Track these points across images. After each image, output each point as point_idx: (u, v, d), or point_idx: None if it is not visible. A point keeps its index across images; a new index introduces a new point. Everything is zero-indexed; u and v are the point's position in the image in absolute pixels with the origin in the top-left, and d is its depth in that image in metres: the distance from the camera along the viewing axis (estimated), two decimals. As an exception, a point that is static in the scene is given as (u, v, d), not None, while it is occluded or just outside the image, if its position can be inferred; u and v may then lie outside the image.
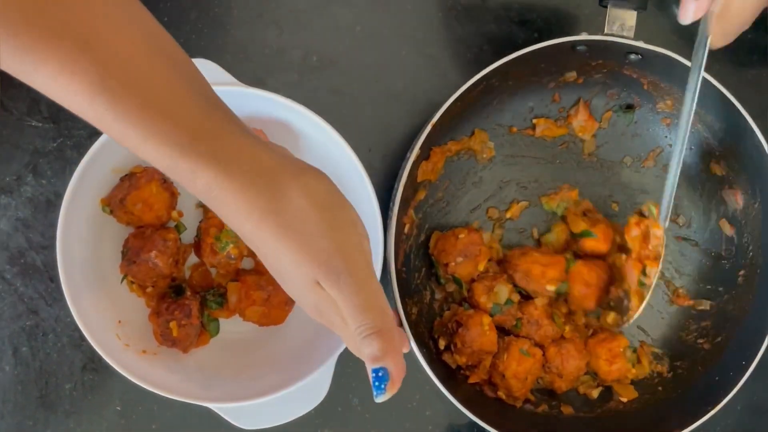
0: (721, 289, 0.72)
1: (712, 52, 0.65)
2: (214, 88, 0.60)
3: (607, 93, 0.72)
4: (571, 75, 0.70)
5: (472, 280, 0.69)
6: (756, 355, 0.65)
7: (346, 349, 0.62)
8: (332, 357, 0.62)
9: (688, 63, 0.63)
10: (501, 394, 0.68)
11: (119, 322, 0.63)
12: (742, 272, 0.70)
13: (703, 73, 0.62)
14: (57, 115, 0.69)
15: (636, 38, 0.63)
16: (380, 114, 0.72)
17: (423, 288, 0.70)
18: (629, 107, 0.73)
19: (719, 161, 0.70)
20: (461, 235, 0.68)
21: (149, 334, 0.64)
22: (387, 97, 0.72)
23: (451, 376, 0.68)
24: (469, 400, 0.64)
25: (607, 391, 0.71)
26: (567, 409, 0.70)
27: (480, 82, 0.63)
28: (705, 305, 0.72)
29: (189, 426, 0.69)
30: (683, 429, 0.64)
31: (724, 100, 0.65)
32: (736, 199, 0.70)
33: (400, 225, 0.64)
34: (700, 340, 0.71)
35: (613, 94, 0.72)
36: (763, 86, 0.76)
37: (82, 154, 0.59)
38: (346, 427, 0.71)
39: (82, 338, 0.60)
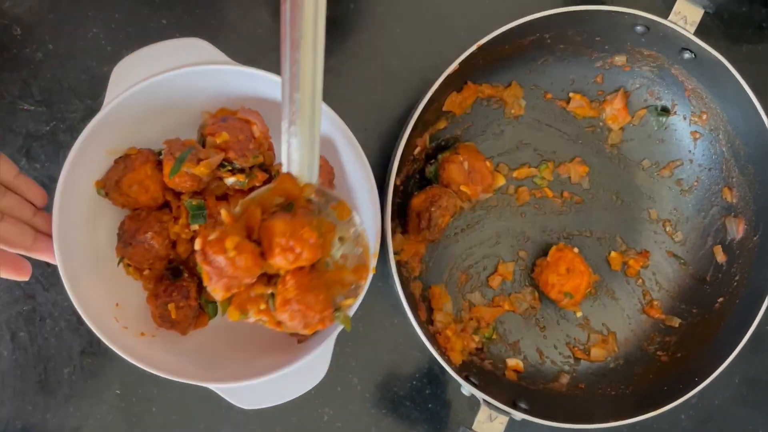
0: (695, 310, 0.72)
1: (707, 29, 0.65)
2: (207, 67, 0.60)
3: (648, 90, 0.72)
4: (621, 59, 0.70)
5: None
6: (712, 374, 0.65)
7: (344, 330, 0.62)
8: (331, 336, 0.62)
9: (737, 74, 0.63)
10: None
11: (117, 304, 0.63)
12: (721, 299, 0.71)
13: (754, 100, 0.64)
14: (49, 98, 0.68)
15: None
16: (375, 93, 0.72)
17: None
18: (664, 110, 0.73)
19: (732, 188, 0.71)
20: (488, 163, 0.69)
21: (148, 316, 0.64)
22: (382, 76, 0.72)
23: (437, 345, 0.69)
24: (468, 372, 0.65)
25: (573, 380, 0.72)
26: (511, 375, 0.70)
27: (535, 31, 0.62)
28: (675, 322, 0.73)
29: (189, 407, 0.69)
30: (621, 421, 0.65)
31: (761, 128, 0.65)
32: (738, 229, 0.70)
33: (412, 143, 0.64)
34: (660, 353, 0.72)
35: (653, 92, 0.72)
36: (758, 60, 0.76)
37: (75, 137, 0.58)
38: (345, 407, 0.71)
39: (80, 322, 0.60)
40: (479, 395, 0.63)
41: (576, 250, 0.71)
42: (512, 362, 0.71)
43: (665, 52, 0.68)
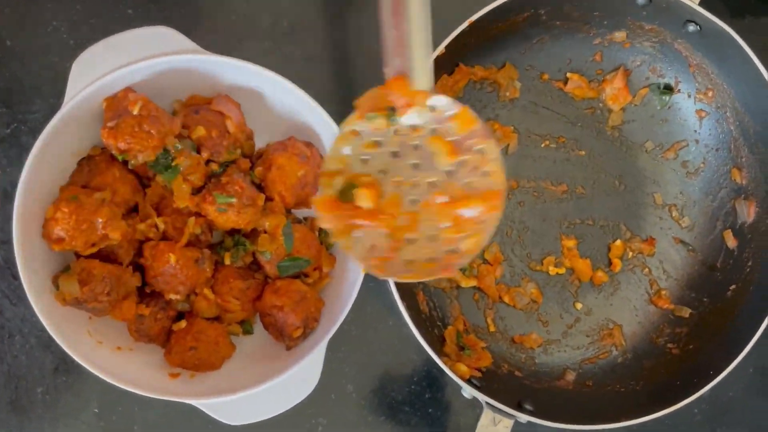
0: (706, 299, 0.69)
1: (707, 0, 0.61)
2: (175, 57, 0.56)
3: (650, 67, 0.68)
4: (621, 35, 0.66)
5: None
6: (728, 366, 0.61)
7: (336, 333, 0.58)
8: (322, 342, 0.58)
9: (745, 46, 0.60)
10: None
11: (90, 317, 0.58)
12: (733, 287, 0.67)
13: (764, 73, 0.60)
14: (9, 98, 0.64)
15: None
16: (361, 82, 0.68)
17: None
18: (667, 88, 0.69)
19: (742, 169, 0.67)
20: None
21: (124, 329, 0.59)
22: (367, 62, 0.68)
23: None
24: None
25: (580, 376, 0.68)
26: (509, 368, 0.67)
27: (530, 6, 0.58)
28: (684, 312, 0.69)
29: (173, 425, 0.65)
30: (633, 420, 0.61)
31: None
32: (749, 212, 0.67)
33: None
34: (670, 345, 0.68)
35: (655, 69, 0.68)
36: (762, 31, 0.72)
37: (39, 139, 0.54)
38: (341, 416, 0.67)
39: (52, 337, 0.55)
40: (482, 398, 0.60)
41: None
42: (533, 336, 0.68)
43: (668, 25, 0.64)
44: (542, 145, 0.69)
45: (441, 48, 0.59)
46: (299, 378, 0.58)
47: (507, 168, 0.68)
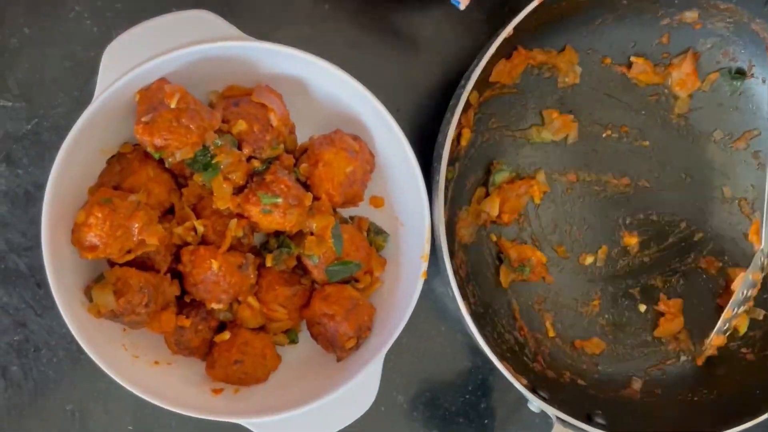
0: None
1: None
2: (218, 44, 0.51)
3: (722, 50, 0.64)
4: (692, 15, 0.61)
5: None
6: None
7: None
8: (380, 354, 0.54)
9: None
10: None
11: (124, 329, 0.54)
12: None
13: None
14: (29, 91, 0.59)
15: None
16: (406, 69, 0.63)
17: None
18: (740, 73, 0.64)
19: None
20: None
21: (161, 341, 0.55)
22: (413, 49, 0.63)
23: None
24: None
25: (647, 384, 0.64)
26: (571, 377, 0.63)
27: None
28: (758, 314, 0.64)
29: (214, 443, 0.60)
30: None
31: None
32: None
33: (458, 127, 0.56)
34: (744, 350, 0.64)
35: (728, 53, 0.63)
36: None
37: (61, 137, 0.50)
38: (392, 429, 0.63)
39: (81, 350, 0.51)
40: (551, 412, 0.55)
41: None
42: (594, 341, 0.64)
43: (746, 4, 0.59)
44: (603, 135, 0.64)
45: (509, 29, 0.54)
46: (353, 395, 0.54)
47: (566, 160, 0.65)
